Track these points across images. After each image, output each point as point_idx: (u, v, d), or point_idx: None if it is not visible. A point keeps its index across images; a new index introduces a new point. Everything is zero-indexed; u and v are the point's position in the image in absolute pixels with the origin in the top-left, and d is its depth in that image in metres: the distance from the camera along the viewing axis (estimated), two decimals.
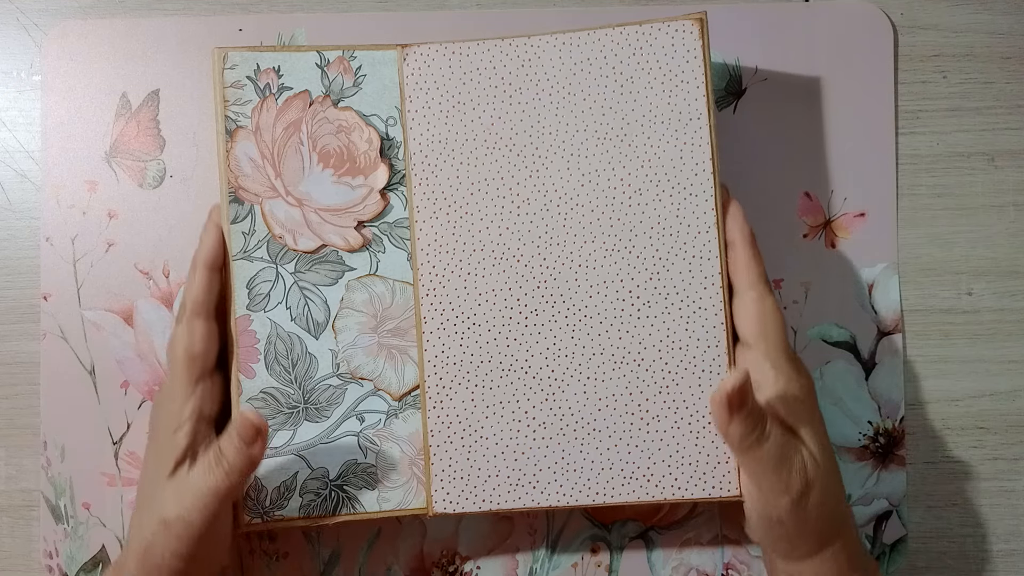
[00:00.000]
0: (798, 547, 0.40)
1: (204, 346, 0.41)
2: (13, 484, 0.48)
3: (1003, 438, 0.48)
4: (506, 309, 0.43)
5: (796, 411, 0.40)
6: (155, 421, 0.42)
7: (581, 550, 0.48)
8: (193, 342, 0.41)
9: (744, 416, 0.37)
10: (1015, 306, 0.49)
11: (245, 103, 0.43)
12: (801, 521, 0.39)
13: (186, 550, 0.39)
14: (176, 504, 0.39)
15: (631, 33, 0.43)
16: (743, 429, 0.38)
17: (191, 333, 0.41)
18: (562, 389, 0.42)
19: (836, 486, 0.40)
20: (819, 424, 0.41)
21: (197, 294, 0.42)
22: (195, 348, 0.41)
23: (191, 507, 0.38)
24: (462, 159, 0.43)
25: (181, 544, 0.39)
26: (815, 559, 0.40)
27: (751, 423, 0.38)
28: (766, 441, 0.38)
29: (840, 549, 0.40)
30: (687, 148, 0.42)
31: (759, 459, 0.38)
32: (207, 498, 0.38)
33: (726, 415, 0.38)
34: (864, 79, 0.49)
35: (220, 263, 0.43)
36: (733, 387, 0.37)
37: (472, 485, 0.42)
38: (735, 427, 0.38)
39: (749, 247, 0.42)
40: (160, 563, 0.39)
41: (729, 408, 0.37)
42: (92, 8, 0.49)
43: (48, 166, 0.48)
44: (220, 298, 0.43)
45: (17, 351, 0.48)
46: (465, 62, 0.43)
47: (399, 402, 0.43)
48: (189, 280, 0.42)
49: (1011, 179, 0.49)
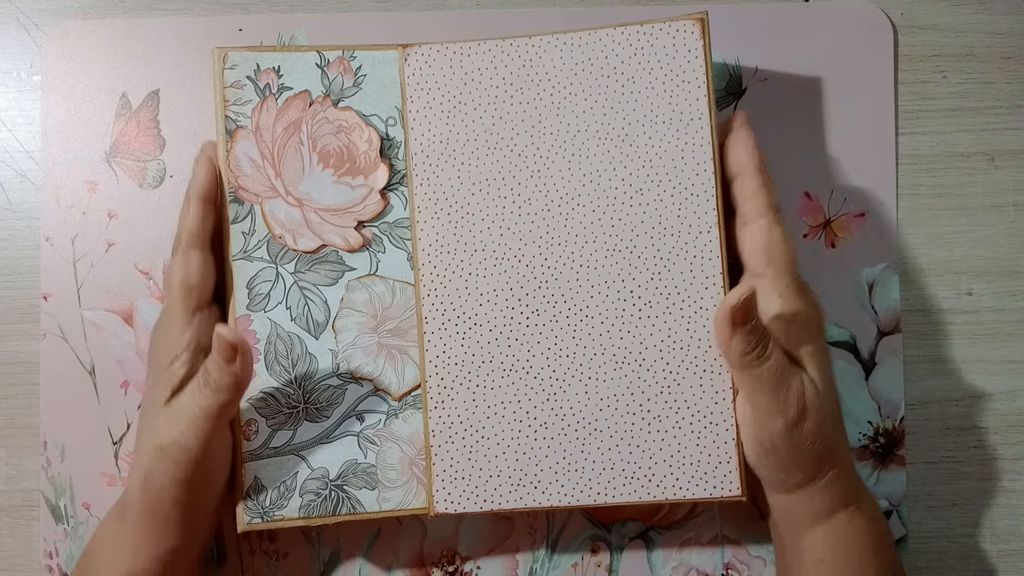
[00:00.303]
0: (791, 475, 0.39)
1: (201, 277, 0.41)
2: (13, 484, 0.48)
3: (1003, 438, 0.48)
4: (507, 309, 0.43)
5: (799, 339, 0.40)
6: (153, 353, 0.42)
7: (581, 550, 0.48)
8: (189, 273, 0.41)
9: (747, 332, 0.37)
10: (1015, 306, 0.49)
11: (245, 103, 0.43)
12: (794, 447, 0.38)
13: (184, 475, 0.39)
14: (171, 429, 0.39)
15: (632, 33, 0.43)
16: (744, 346, 0.38)
17: (187, 264, 0.41)
18: (563, 389, 0.42)
19: (834, 417, 0.40)
20: (823, 355, 0.40)
21: (192, 226, 0.41)
22: (192, 279, 0.41)
23: (185, 430, 0.38)
24: (463, 159, 0.43)
25: (179, 469, 0.39)
26: (807, 490, 0.40)
27: (753, 340, 0.37)
28: (766, 360, 0.38)
29: (834, 480, 0.40)
30: (688, 148, 0.42)
31: (757, 378, 0.38)
32: (199, 420, 0.38)
33: (728, 330, 0.37)
34: (864, 79, 0.49)
35: (214, 195, 0.42)
36: (738, 300, 0.37)
37: (473, 485, 0.42)
38: (736, 342, 0.38)
39: (759, 174, 0.41)
40: (160, 491, 0.39)
41: (732, 323, 0.37)
42: (92, 8, 0.49)
43: (48, 166, 0.48)
44: (215, 231, 0.43)
45: (17, 351, 0.48)
46: (466, 62, 0.43)
47: (399, 402, 0.43)
48: (183, 212, 0.42)
49: (1011, 179, 0.49)
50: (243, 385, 0.39)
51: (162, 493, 0.39)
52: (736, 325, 0.37)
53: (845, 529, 0.40)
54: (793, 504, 0.40)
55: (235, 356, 0.38)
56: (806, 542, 0.41)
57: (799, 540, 0.41)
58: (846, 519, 0.40)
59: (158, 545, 0.40)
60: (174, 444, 0.38)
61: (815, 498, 0.40)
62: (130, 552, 0.40)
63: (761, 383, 0.38)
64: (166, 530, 0.40)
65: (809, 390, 0.39)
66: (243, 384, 0.39)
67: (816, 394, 0.39)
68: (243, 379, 0.39)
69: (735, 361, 0.38)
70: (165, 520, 0.40)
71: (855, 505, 0.40)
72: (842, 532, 0.40)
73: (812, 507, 0.40)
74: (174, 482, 0.39)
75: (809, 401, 0.38)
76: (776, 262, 0.40)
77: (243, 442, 0.42)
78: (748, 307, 0.37)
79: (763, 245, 0.40)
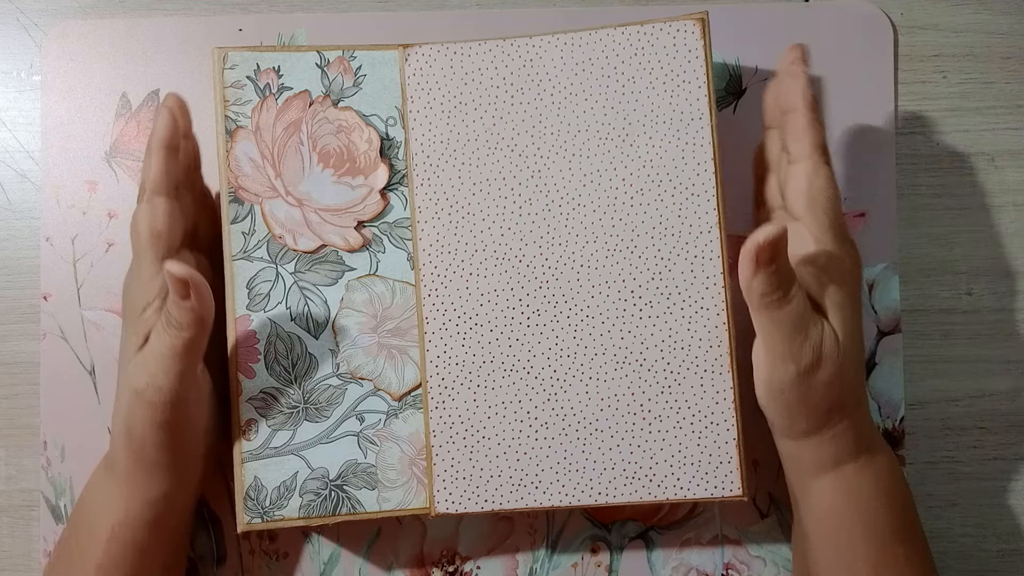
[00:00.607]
0: (796, 422, 0.38)
1: (168, 222, 0.40)
2: (13, 484, 0.48)
3: (1003, 438, 0.49)
4: (508, 309, 0.43)
5: (829, 287, 0.38)
6: (125, 302, 0.42)
7: (581, 550, 0.48)
8: (155, 219, 0.40)
9: (770, 273, 0.36)
10: (1015, 306, 0.49)
11: (245, 103, 0.43)
12: (803, 396, 0.37)
13: (161, 417, 0.39)
14: (143, 373, 0.39)
15: (632, 33, 0.43)
16: (765, 287, 0.36)
17: (153, 211, 0.40)
18: (564, 389, 0.42)
19: (851, 371, 0.38)
20: (852, 306, 0.39)
21: (156, 174, 0.41)
22: (158, 225, 0.40)
23: (155, 372, 0.38)
24: (464, 159, 0.43)
25: (156, 411, 0.39)
26: (813, 439, 0.39)
27: (775, 281, 0.36)
28: (787, 304, 0.36)
29: (843, 432, 0.38)
30: (689, 148, 0.42)
31: (775, 320, 0.37)
32: (167, 359, 0.38)
33: (752, 267, 0.36)
34: (864, 79, 0.49)
35: (177, 142, 0.42)
36: (765, 239, 0.35)
37: (474, 485, 0.42)
38: (758, 282, 0.36)
39: (810, 112, 0.39)
40: (143, 437, 0.39)
41: (756, 261, 0.35)
42: (92, 8, 0.49)
43: (48, 166, 0.48)
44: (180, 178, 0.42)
45: (17, 351, 0.48)
46: (466, 62, 0.43)
47: (399, 402, 0.43)
48: (146, 163, 0.41)
49: (1011, 179, 0.49)
50: (204, 321, 0.38)
51: (144, 439, 0.39)
52: (759, 264, 0.36)
53: (853, 481, 0.39)
54: (799, 452, 0.40)
55: (188, 292, 0.37)
56: (813, 492, 0.40)
57: (807, 489, 0.40)
58: (855, 471, 0.39)
59: (147, 492, 0.40)
60: (148, 387, 0.38)
61: (821, 448, 0.39)
62: (120, 501, 0.40)
63: (777, 327, 0.37)
64: (153, 477, 0.40)
65: (828, 340, 0.37)
66: (204, 319, 0.38)
67: (836, 346, 0.37)
68: (202, 314, 0.38)
69: (754, 301, 0.37)
70: (151, 467, 0.40)
71: (867, 457, 0.39)
72: (851, 483, 0.39)
73: (818, 456, 0.39)
74: (153, 425, 0.39)
75: (826, 352, 0.37)
76: (817, 205, 0.39)
77: (243, 442, 0.42)
78: (775, 247, 0.35)
79: (806, 187, 0.39)
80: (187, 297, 0.37)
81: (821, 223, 0.39)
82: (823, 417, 0.38)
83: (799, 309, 0.37)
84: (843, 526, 0.39)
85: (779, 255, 0.36)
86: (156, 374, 0.38)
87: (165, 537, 0.42)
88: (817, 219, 0.39)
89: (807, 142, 0.39)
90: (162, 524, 0.41)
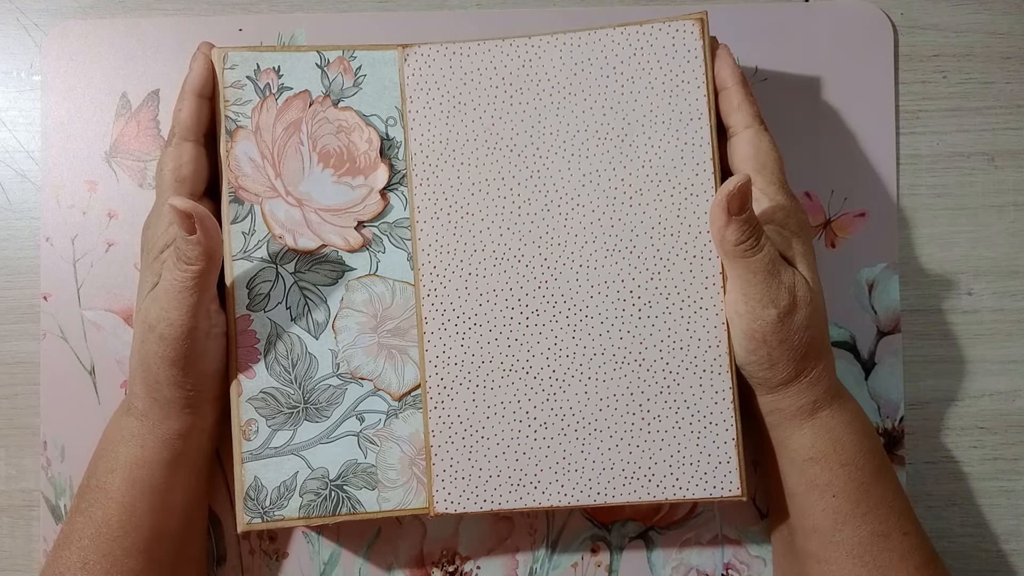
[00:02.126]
0: (779, 371, 0.40)
1: (193, 167, 0.42)
2: (13, 484, 0.48)
3: (1003, 438, 0.48)
4: (507, 309, 0.43)
5: (790, 240, 0.41)
6: (144, 241, 0.42)
7: (581, 550, 0.48)
8: (181, 164, 0.42)
9: (742, 221, 0.38)
10: (1015, 306, 0.49)
11: (245, 103, 0.43)
12: (784, 339, 0.39)
13: (174, 353, 0.40)
14: (156, 308, 0.40)
15: (632, 33, 0.43)
16: (738, 235, 0.39)
17: (179, 155, 0.42)
18: (563, 389, 0.42)
19: (821, 315, 0.41)
20: (811, 255, 0.42)
21: (186, 118, 0.42)
22: (183, 170, 0.42)
23: (166, 306, 0.39)
24: (463, 159, 0.43)
25: (168, 346, 0.39)
26: (792, 387, 0.41)
27: (747, 230, 0.39)
28: (759, 251, 0.39)
29: (818, 377, 0.41)
30: (688, 148, 0.42)
31: (751, 268, 0.39)
32: (178, 294, 0.39)
33: (723, 218, 0.38)
34: (864, 79, 0.49)
35: (209, 91, 0.43)
36: (734, 188, 0.38)
37: (473, 485, 0.42)
38: (731, 231, 0.39)
39: (742, 87, 0.42)
40: (157, 375, 0.40)
41: (727, 211, 0.38)
42: (92, 8, 0.49)
43: (48, 166, 0.48)
44: (209, 127, 0.43)
45: (17, 351, 0.48)
46: (466, 62, 0.43)
47: (399, 402, 0.43)
48: (178, 106, 0.43)
49: (1011, 179, 0.49)
50: (213, 254, 0.39)
51: (158, 375, 0.40)
52: (731, 214, 0.38)
53: (831, 426, 0.41)
54: (780, 403, 0.41)
55: (194, 226, 0.38)
56: (794, 441, 0.41)
57: (788, 440, 0.42)
58: (830, 415, 0.41)
59: (163, 430, 0.41)
60: (160, 320, 0.39)
61: (801, 395, 0.41)
62: (137, 439, 0.41)
63: (753, 273, 0.39)
64: (168, 414, 0.41)
65: (800, 284, 0.40)
66: (212, 252, 0.39)
67: (807, 289, 0.40)
68: (209, 247, 0.39)
69: (729, 251, 0.39)
70: (166, 404, 0.41)
71: (839, 403, 0.41)
72: (830, 428, 0.41)
73: (798, 404, 0.41)
74: (166, 360, 0.40)
75: (800, 294, 0.39)
76: (766, 168, 0.42)
77: (243, 442, 0.42)
78: (744, 195, 0.38)
79: (753, 152, 0.42)
80: (193, 231, 0.38)
81: (772, 182, 0.42)
82: (800, 362, 0.40)
83: (771, 255, 0.39)
84: (825, 470, 0.41)
85: (747, 203, 0.38)
86: (167, 308, 0.39)
87: (183, 478, 0.42)
88: (768, 179, 0.42)
89: (744, 114, 0.42)
90: (179, 464, 0.42)
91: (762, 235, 0.39)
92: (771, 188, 0.42)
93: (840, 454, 0.41)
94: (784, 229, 0.41)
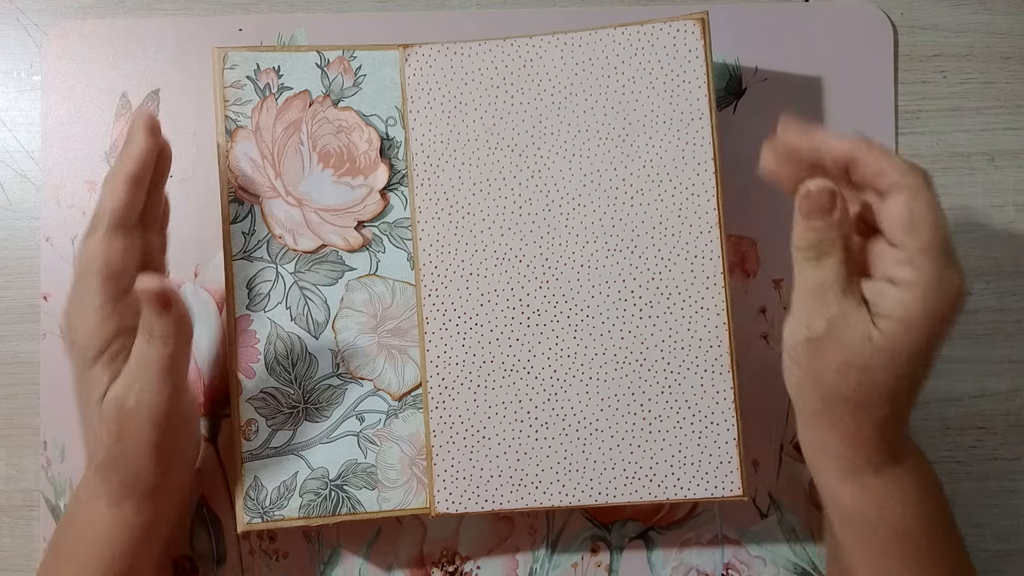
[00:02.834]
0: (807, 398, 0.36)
1: (125, 261, 0.38)
2: (13, 484, 0.48)
3: (1003, 438, 0.48)
4: (508, 309, 0.43)
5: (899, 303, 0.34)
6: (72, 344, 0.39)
7: (581, 550, 0.48)
8: (111, 258, 0.37)
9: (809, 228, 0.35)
10: (1015, 306, 0.49)
11: (245, 103, 0.43)
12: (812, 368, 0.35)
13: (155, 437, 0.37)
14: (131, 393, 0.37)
15: (632, 33, 0.43)
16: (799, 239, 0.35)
17: (109, 248, 0.38)
18: (564, 389, 0.42)
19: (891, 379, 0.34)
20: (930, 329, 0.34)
21: (117, 207, 0.38)
22: (115, 264, 0.38)
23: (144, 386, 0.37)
24: (464, 159, 0.43)
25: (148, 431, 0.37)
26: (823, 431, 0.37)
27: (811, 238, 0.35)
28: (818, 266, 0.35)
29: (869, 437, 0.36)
30: (689, 148, 0.42)
31: (802, 275, 0.36)
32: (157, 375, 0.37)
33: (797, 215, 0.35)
34: (864, 79, 0.49)
35: (146, 175, 0.39)
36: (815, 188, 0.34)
37: (475, 485, 0.42)
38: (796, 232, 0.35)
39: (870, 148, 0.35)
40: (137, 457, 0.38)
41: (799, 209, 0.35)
42: (92, 8, 0.49)
43: (48, 166, 0.48)
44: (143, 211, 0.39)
45: (17, 351, 0.48)
46: (466, 62, 0.43)
47: (399, 402, 0.43)
48: (107, 192, 0.38)
49: (1011, 179, 0.49)
50: (188, 329, 0.38)
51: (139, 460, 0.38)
52: (801, 214, 0.35)
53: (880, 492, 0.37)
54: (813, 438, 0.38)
55: (169, 303, 0.36)
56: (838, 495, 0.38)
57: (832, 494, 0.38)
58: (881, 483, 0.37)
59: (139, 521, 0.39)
60: (139, 404, 0.37)
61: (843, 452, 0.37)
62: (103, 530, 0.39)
63: (800, 283, 0.36)
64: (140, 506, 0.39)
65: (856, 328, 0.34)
66: (187, 328, 0.38)
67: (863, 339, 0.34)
68: (184, 323, 0.37)
69: (793, 250, 0.36)
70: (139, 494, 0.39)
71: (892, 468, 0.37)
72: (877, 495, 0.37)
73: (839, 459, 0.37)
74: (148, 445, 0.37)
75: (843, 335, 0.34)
76: (921, 232, 0.34)
77: (243, 442, 0.42)
78: (817, 200, 0.34)
79: (906, 213, 0.34)
80: (168, 309, 0.36)
81: (924, 248, 0.34)
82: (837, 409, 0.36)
83: (829, 276, 0.35)
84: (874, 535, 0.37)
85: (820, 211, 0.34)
86: (145, 389, 0.37)
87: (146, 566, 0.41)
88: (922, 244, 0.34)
89: (892, 172, 0.34)
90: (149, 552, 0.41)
91: (832, 250, 0.34)
92: (919, 255, 0.34)
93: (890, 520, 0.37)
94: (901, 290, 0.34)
